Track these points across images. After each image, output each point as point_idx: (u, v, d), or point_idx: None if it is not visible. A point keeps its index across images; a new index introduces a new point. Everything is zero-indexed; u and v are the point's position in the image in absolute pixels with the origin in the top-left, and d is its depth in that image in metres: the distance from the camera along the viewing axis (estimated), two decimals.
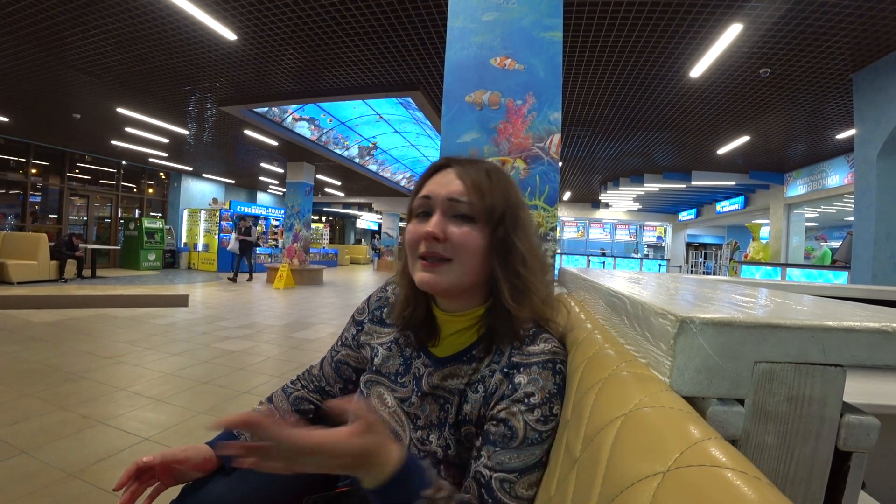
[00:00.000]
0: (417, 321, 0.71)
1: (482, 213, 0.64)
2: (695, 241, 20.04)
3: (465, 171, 0.67)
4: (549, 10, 1.57)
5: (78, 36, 4.29)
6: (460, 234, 0.63)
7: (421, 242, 0.64)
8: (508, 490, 0.55)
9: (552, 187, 1.54)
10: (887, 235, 3.88)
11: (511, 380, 0.61)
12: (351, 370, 0.84)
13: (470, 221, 0.64)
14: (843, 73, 4.33)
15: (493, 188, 0.66)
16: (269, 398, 0.87)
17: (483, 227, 0.64)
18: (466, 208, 0.64)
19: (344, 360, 0.84)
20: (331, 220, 25.22)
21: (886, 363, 0.37)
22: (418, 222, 0.67)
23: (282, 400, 0.86)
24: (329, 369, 0.86)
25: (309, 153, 8.83)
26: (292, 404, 0.85)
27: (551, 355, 0.62)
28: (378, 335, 0.78)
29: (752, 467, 0.27)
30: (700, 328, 0.38)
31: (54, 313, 4.87)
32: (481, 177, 0.66)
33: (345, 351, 0.84)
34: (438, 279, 0.63)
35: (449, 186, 0.65)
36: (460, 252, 0.63)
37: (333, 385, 0.85)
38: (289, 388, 0.88)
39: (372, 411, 0.48)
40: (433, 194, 0.66)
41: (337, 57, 4.53)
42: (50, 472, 1.71)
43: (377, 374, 0.75)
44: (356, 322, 0.83)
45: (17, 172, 9.61)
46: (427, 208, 0.66)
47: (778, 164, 8.60)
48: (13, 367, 2.93)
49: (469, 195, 0.64)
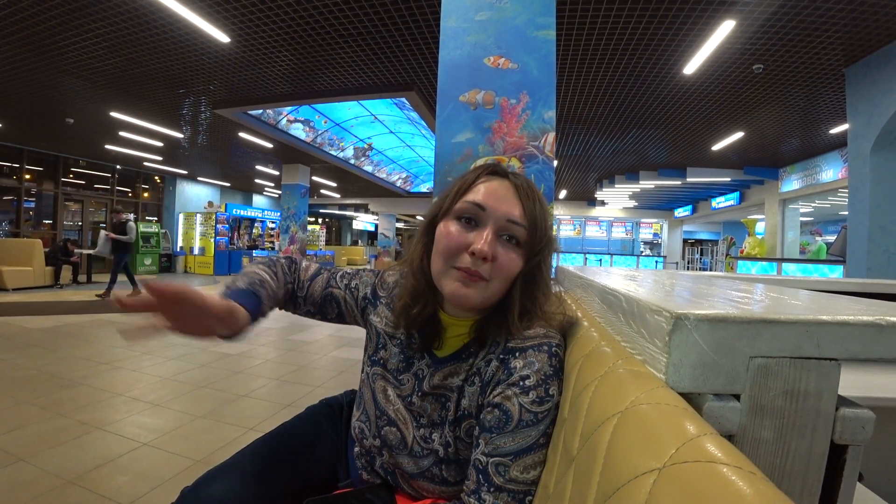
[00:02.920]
0: (422, 321, 0.69)
1: (530, 243, 0.63)
2: (691, 237, 20.11)
3: (523, 191, 0.64)
4: (541, 8, 1.57)
5: (71, 40, 4.27)
6: (507, 259, 0.62)
7: (464, 255, 0.61)
8: (503, 473, 0.55)
9: (547, 186, 1.54)
10: (881, 229, 3.91)
11: (507, 365, 0.61)
12: (335, 311, 0.82)
13: (517, 247, 0.63)
14: (835, 68, 4.36)
15: (544, 220, 0.65)
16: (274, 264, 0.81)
17: (524, 255, 0.63)
18: (520, 235, 0.63)
19: (337, 299, 0.81)
20: (327, 222, 25.17)
21: (881, 356, 0.37)
22: (461, 228, 0.63)
23: (275, 283, 0.77)
24: (317, 293, 0.81)
25: (304, 155, 8.82)
26: (272, 290, 0.75)
27: (546, 339, 0.62)
28: (387, 321, 0.75)
29: (748, 462, 0.27)
30: (695, 324, 0.38)
31: (50, 319, 4.84)
32: (536, 205, 0.64)
33: (345, 294, 0.81)
34: (473, 296, 0.61)
35: (509, 205, 0.63)
36: (499, 276, 0.62)
37: (307, 304, 0.81)
38: (287, 274, 0.82)
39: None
40: (490, 207, 0.62)
41: (331, 58, 4.52)
42: (48, 479, 1.70)
43: (382, 367, 0.74)
44: (374, 292, 0.79)
45: (10, 178, 9.55)
46: (477, 217, 0.63)
47: (772, 160, 8.65)
48: (10, 375, 2.91)
49: (526, 222, 0.63)
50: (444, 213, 0.66)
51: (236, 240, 13.08)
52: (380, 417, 0.72)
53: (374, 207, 17.53)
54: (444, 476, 0.66)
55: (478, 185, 0.65)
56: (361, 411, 0.75)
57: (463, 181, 0.67)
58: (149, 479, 1.73)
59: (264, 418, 2.39)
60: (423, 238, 0.69)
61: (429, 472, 0.67)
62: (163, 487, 1.68)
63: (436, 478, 0.67)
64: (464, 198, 0.64)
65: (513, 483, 0.54)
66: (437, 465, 0.66)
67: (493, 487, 0.55)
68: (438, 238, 0.64)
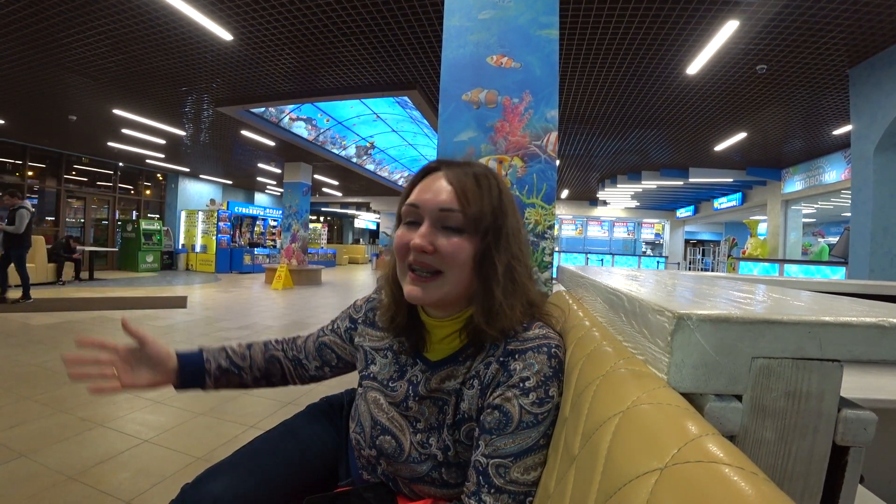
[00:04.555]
0: (403, 326, 0.71)
1: (471, 222, 0.62)
2: (693, 237, 20.08)
3: (455, 175, 0.64)
4: (545, 7, 1.57)
5: (73, 38, 4.27)
6: (449, 245, 0.61)
7: (409, 252, 0.63)
8: (503, 475, 0.55)
9: (549, 185, 1.53)
10: (884, 230, 3.89)
11: (506, 367, 0.61)
12: (334, 356, 0.85)
13: (459, 232, 0.62)
14: (839, 68, 4.34)
15: (481, 197, 0.63)
16: (249, 345, 0.87)
17: (472, 236, 0.63)
18: (456, 220, 0.62)
19: (329, 345, 0.85)
20: (329, 220, 25.20)
21: (883, 358, 0.37)
22: (406, 229, 0.65)
23: (259, 353, 0.86)
24: (311, 347, 0.86)
25: (306, 153, 8.82)
26: (265, 361, 0.86)
27: (545, 339, 0.62)
28: (370, 338, 0.78)
29: (750, 463, 0.27)
30: (697, 324, 0.38)
31: (52, 316, 4.86)
32: (469, 183, 0.63)
33: (333, 337, 0.84)
34: (427, 294, 0.62)
35: (438, 195, 0.63)
36: (450, 264, 0.62)
37: (311, 362, 0.86)
38: (270, 345, 0.88)
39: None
40: (422, 203, 0.63)
41: (333, 56, 4.52)
42: (49, 475, 1.71)
43: (373, 380, 0.75)
44: (351, 319, 0.83)
45: (13, 175, 9.57)
46: (415, 217, 0.64)
47: (775, 161, 8.62)
48: (12, 371, 2.92)
49: (459, 204, 0.62)
50: (397, 221, 0.68)
51: (238, 237, 13.11)
52: (374, 427, 0.71)
53: (375, 206, 17.54)
54: (444, 479, 0.66)
55: (415, 186, 0.67)
56: (356, 423, 0.75)
57: (407, 186, 0.69)
58: (150, 476, 1.74)
59: (265, 416, 2.39)
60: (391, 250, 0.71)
61: (428, 476, 0.66)
62: (164, 484, 1.68)
63: (436, 481, 0.66)
64: (404, 202, 0.66)
65: (513, 484, 0.54)
66: (436, 469, 0.66)
67: (493, 489, 0.55)
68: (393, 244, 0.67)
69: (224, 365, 0.81)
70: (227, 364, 0.82)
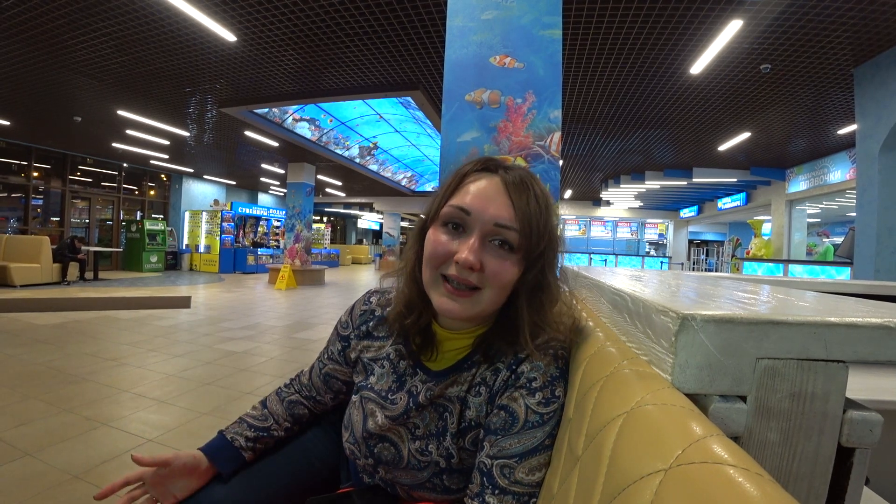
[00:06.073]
0: (415, 330, 0.66)
1: (526, 247, 0.57)
2: (696, 237, 20.00)
3: (514, 189, 0.58)
4: (548, 7, 1.57)
5: (78, 39, 4.30)
6: (499, 267, 0.56)
7: (450, 264, 0.57)
8: (508, 475, 0.54)
9: (553, 185, 1.53)
10: (890, 230, 3.87)
11: (514, 370, 0.60)
12: (340, 383, 0.80)
13: (510, 253, 0.57)
14: (844, 68, 4.32)
15: (542, 220, 0.58)
16: (263, 402, 0.84)
17: (520, 260, 0.58)
18: (512, 239, 0.57)
19: (332, 374, 0.80)
20: (332, 221, 25.24)
21: (889, 359, 0.37)
22: (447, 235, 0.58)
23: (276, 403, 0.82)
24: (318, 381, 0.82)
25: (309, 154, 8.84)
26: (287, 408, 0.82)
27: (552, 340, 0.61)
28: (368, 349, 0.73)
29: (755, 464, 0.27)
30: (701, 325, 0.37)
31: (57, 316, 4.89)
32: (532, 205, 0.57)
33: (332, 365, 0.79)
34: (463, 310, 0.57)
35: (496, 207, 0.57)
36: (492, 284, 0.57)
37: (324, 395, 0.82)
38: (283, 391, 0.85)
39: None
40: (476, 211, 0.57)
41: (337, 57, 4.53)
42: (54, 474, 1.72)
43: (371, 391, 0.70)
44: (341, 338, 0.77)
45: (18, 176, 9.65)
46: (462, 222, 0.58)
47: (779, 160, 8.58)
48: (17, 370, 2.94)
49: (518, 223, 0.56)
50: (433, 217, 0.61)
51: (241, 238, 13.18)
52: (369, 438, 0.68)
53: (379, 206, 17.55)
54: (445, 485, 0.64)
55: (465, 184, 0.60)
56: (349, 433, 0.71)
57: (452, 179, 0.62)
58: None
59: None
60: (415, 245, 0.64)
61: (429, 482, 0.65)
62: None
63: (437, 487, 0.65)
64: (450, 201, 0.59)
65: (517, 485, 0.54)
66: (437, 476, 0.64)
67: (497, 490, 0.54)
68: (426, 246, 0.60)
69: (251, 435, 0.77)
70: (252, 433, 0.77)
